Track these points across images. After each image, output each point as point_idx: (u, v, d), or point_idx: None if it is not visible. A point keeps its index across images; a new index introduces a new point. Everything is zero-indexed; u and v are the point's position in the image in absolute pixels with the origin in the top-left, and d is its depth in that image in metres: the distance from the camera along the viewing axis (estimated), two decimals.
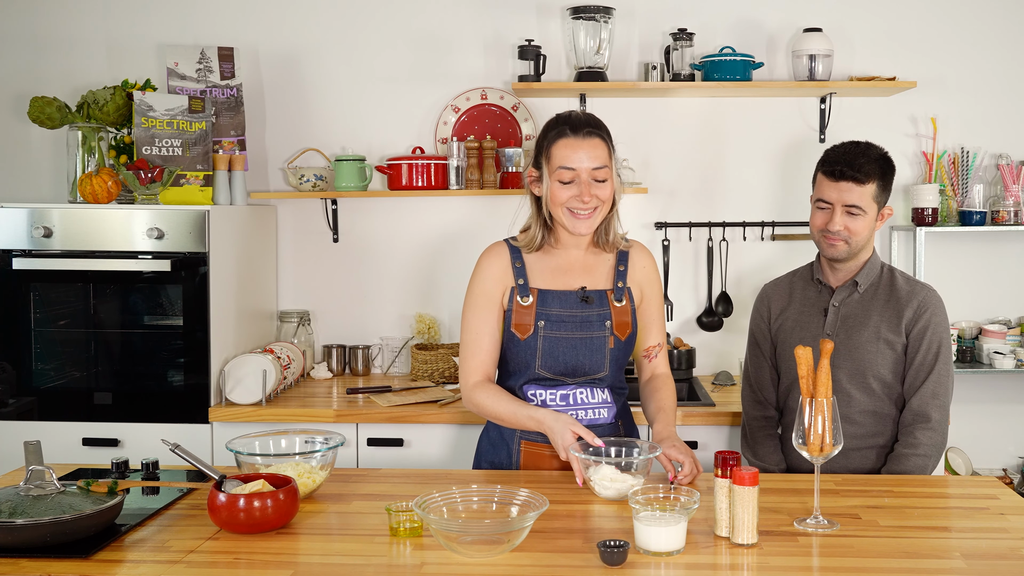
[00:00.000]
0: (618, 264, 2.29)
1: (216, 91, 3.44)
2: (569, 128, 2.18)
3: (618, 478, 1.96)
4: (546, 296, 2.22)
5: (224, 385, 3.11)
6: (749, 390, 2.64)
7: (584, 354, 2.22)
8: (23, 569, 1.63)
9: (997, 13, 3.56)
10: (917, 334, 2.41)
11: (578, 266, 2.26)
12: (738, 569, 1.64)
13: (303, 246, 3.71)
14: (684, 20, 3.56)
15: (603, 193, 2.18)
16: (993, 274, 3.62)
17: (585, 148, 2.16)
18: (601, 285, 2.26)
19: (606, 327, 2.22)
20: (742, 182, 3.61)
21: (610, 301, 2.25)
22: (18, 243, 3.11)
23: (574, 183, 2.16)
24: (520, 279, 2.22)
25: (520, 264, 2.24)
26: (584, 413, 2.23)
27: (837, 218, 2.39)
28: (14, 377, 3.16)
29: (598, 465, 1.97)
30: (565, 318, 2.21)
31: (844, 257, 2.44)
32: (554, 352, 2.21)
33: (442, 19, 3.62)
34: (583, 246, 2.27)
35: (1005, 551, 1.72)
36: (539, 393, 2.23)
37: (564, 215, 2.19)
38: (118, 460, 2.22)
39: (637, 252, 2.34)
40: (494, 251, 2.28)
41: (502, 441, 2.28)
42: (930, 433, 2.36)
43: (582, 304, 2.22)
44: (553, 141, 2.19)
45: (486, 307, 2.24)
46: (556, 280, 2.25)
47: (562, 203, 2.17)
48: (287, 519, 1.82)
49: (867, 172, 2.36)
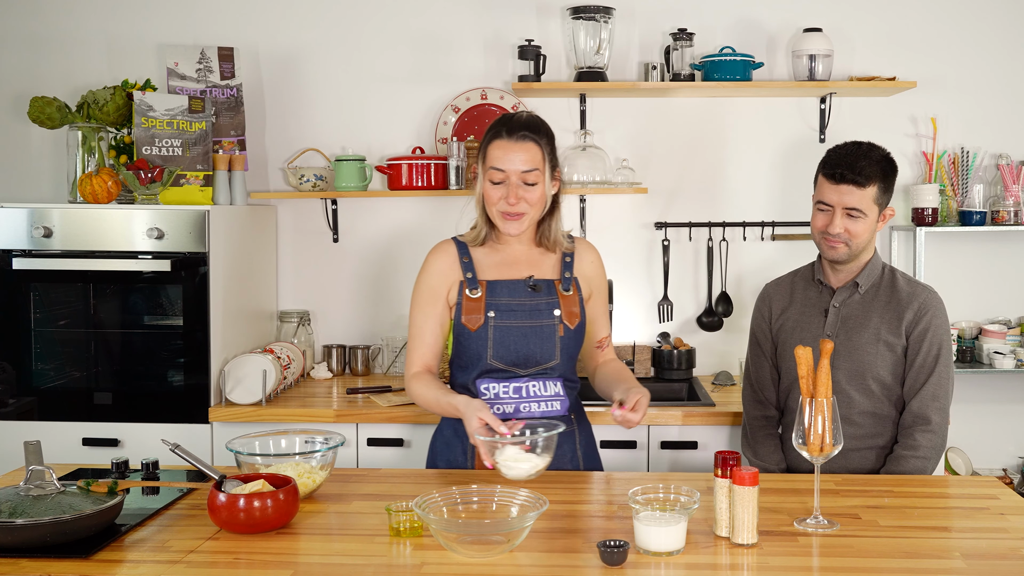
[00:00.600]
0: (564, 256, 2.34)
1: (216, 91, 3.44)
2: (505, 130, 2.24)
3: (521, 458, 1.98)
4: (495, 287, 2.26)
5: (224, 385, 3.11)
6: (750, 390, 2.64)
7: (535, 343, 2.25)
8: (23, 569, 1.63)
9: (997, 13, 3.56)
10: (917, 336, 2.40)
11: (524, 259, 2.32)
12: (738, 569, 1.64)
13: (303, 246, 3.71)
14: (684, 20, 3.56)
15: (532, 196, 2.23)
16: (993, 274, 3.62)
17: (516, 151, 2.21)
18: (548, 275, 2.31)
19: (555, 316, 2.26)
20: (742, 182, 3.62)
21: (558, 290, 2.29)
22: (18, 243, 3.11)
23: (504, 184, 2.22)
24: (468, 273, 2.27)
25: (468, 259, 2.29)
26: (536, 405, 2.25)
27: (837, 220, 2.38)
28: (14, 377, 3.16)
29: (503, 447, 2.00)
30: (514, 307, 2.25)
31: (845, 259, 2.44)
32: (505, 342, 2.24)
33: (442, 19, 3.62)
34: (526, 242, 2.33)
35: (1005, 551, 1.72)
36: (492, 386, 2.25)
37: (496, 215, 2.25)
38: (118, 460, 2.22)
39: (583, 246, 2.39)
40: (441, 248, 2.34)
41: (456, 439, 2.30)
42: (930, 435, 2.36)
43: (530, 293, 2.27)
44: (489, 142, 2.26)
45: (429, 302, 2.29)
46: (504, 272, 2.30)
47: (493, 203, 2.24)
48: (287, 519, 1.82)
49: (868, 175, 2.35)
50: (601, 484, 2.14)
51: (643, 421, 2.99)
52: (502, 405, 2.24)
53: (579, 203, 3.61)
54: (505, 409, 2.23)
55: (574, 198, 3.62)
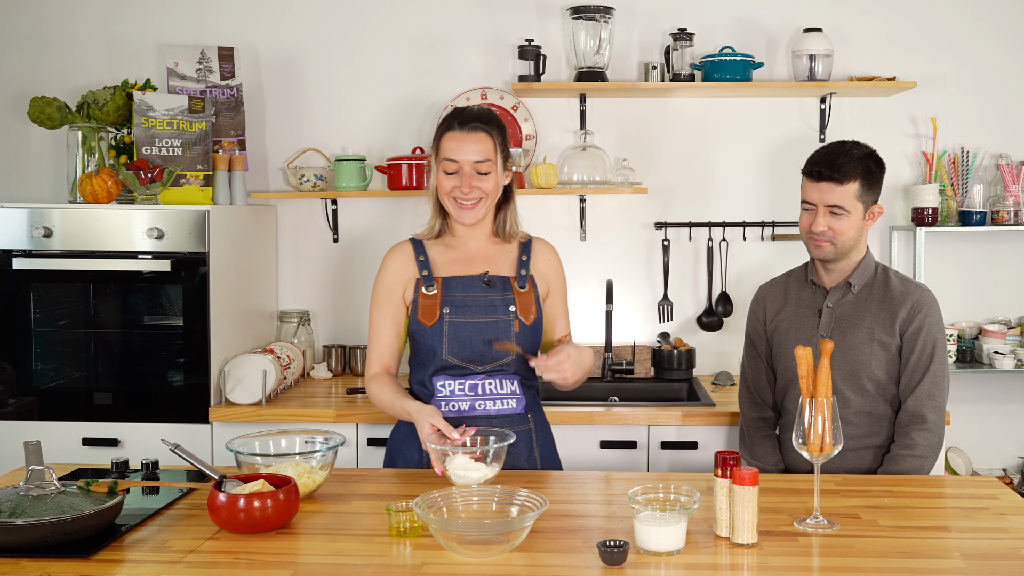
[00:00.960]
0: (521, 255, 2.36)
1: (216, 91, 3.44)
2: (457, 122, 2.28)
3: (471, 467, 1.99)
4: (450, 283, 2.28)
5: (224, 385, 3.11)
6: (746, 391, 2.65)
7: (490, 337, 2.25)
8: (23, 569, 1.63)
9: (997, 13, 3.56)
10: (911, 335, 2.40)
11: (480, 256, 2.34)
12: (738, 569, 1.64)
13: (303, 246, 3.71)
14: (684, 20, 3.56)
15: (485, 186, 2.26)
16: (993, 274, 3.62)
17: (468, 142, 2.25)
18: (504, 272, 2.33)
19: (510, 311, 2.27)
20: (742, 182, 3.62)
21: (513, 287, 2.30)
22: (18, 243, 3.11)
23: (457, 174, 2.25)
24: (424, 271, 2.30)
25: (424, 257, 2.32)
26: (492, 404, 2.26)
27: (820, 219, 2.40)
28: (14, 377, 3.16)
29: (454, 455, 2.01)
30: (469, 302, 2.27)
31: (832, 258, 2.44)
32: (460, 337, 2.25)
33: (442, 19, 3.62)
34: (482, 237, 2.35)
35: (1005, 551, 1.72)
36: (448, 384, 2.26)
37: (450, 204, 2.29)
38: (118, 460, 2.22)
39: (540, 244, 2.41)
40: (396, 248, 2.37)
41: (412, 436, 2.30)
42: (926, 434, 2.36)
43: (485, 288, 2.28)
44: (442, 133, 2.30)
45: (386, 302, 2.32)
46: (459, 268, 2.32)
47: (447, 193, 2.27)
48: (287, 519, 1.82)
49: (846, 172, 2.37)
50: (601, 484, 2.14)
51: (641, 420, 3.02)
52: (457, 403, 2.25)
53: (579, 203, 3.61)
54: (460, 407, 2.25)
55: (574, 198, 3.62)
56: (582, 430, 3.02)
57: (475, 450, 2.02)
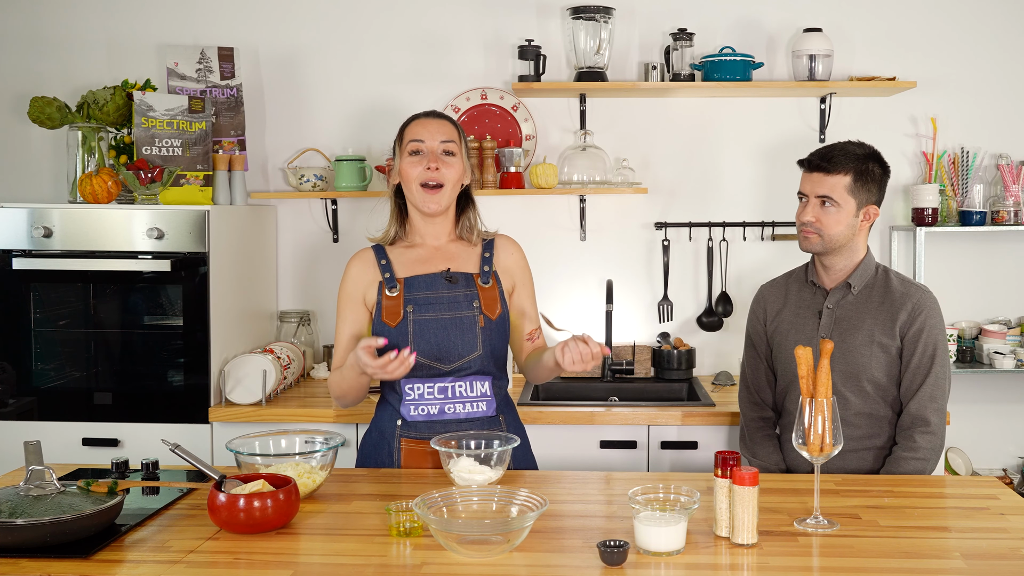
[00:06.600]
0: (484, 252, 2.37)
1: (216, 91, 3.44)
2: (422, 115, 2.35)
3: (476, 470, 1.99)
4: (412, 282, 2.28)
5: (224, 385, 3.11)
6: (746, 391, 2.65)
7: (455, 334, 2.25)
8: (23, 569, 1.63)
9: (997, 13, 3.56)
10: (912, 337, 2.40)
11: (441, 255, 2.34)
12: (738, 569, 1.64)
13: (303, 246, 3.71)
14: (684, 20, 3.56)
15: (450, 172, 2.27)
16: (993, 274, 3.62)
17: (433, 125, 2.31)
18: (467, 269, 2.33)
19: (474, 307, 2.27)
20: (742, 182, 3.62)
21: (477, 283, 2.30)
22: (18, 243, 3.11)
23: (423, 155, 2.27)
24: (386, 273, 2.30)
25: (385, 261, 2.32)
26: (462, 406, 2.26)
27: (809, 209, 2.43)
28: (14, 377, 3.16)
29: (458, 457, 2.01)
30: (432, 300, 2.27)
31: (820, 251, 2.45)
32: (425, 335, 2.24)
33: (442, 19, 3.62)
34: (443, 236, 2.35)
35: (1005, 551, 1.72)
36: (417, 387, 2.25)
37: (416, 192, 2.28)
38: (118, 460, 2.22)
39: (502, 240, 2.41)
40: (357, 255, 2.38)
41: (383, 440, 2.30)
42: (929, 437, 2.35)
43: (448, 285, 2.28)
44: (406, 126, 2.35)
45: (348, 307, 2.33)
46: (421, 268, 2.32)
47: (413, 179, 2.27)
48: (287, 519, 1.82)
49: (837, 163, 2.40)
50: (601, 484, 2.14)
51: (641, 420, 3.02)
52: (426, 406, 2.25)
53: (579, 203, 3.61)
54: (430, 410, 2.24)
55: (574, 198, 3.62)
56: (582, 430, 3.02)
57: (481, 452, 2.02)
